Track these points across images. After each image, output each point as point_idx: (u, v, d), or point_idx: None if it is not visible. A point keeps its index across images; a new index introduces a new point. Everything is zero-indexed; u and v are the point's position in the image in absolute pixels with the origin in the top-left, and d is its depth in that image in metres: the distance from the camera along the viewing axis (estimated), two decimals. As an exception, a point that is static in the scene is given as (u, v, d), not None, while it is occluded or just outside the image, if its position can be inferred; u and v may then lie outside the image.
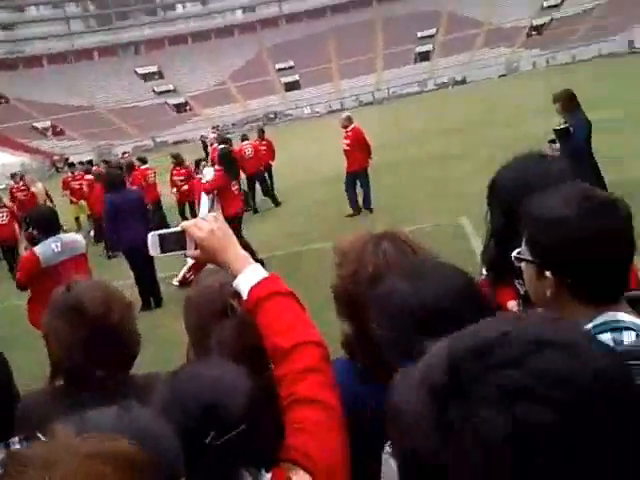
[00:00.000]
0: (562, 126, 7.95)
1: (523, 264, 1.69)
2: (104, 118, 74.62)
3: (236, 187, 11.25)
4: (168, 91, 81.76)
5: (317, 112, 65.61)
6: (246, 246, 9.99)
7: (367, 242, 1.72)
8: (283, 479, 1.43)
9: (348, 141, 13.30)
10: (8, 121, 67.70)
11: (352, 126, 13.42)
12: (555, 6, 77.78)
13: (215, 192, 10.72)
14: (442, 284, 1.44)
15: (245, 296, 1.69)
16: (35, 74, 79.18)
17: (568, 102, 8.31)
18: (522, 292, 1.99)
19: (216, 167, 11.17)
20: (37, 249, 6.23)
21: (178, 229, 1.77)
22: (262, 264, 1.80)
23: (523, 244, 1.67)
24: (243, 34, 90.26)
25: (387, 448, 1.39)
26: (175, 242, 1.77)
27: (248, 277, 1.70)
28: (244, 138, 17.31)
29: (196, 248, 1.76)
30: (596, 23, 68.36)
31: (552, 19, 76.07)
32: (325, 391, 1.57)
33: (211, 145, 17.16)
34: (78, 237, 6.79)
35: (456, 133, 22.86)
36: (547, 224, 1.58)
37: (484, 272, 2.32)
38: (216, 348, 1.75)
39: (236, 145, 16.45)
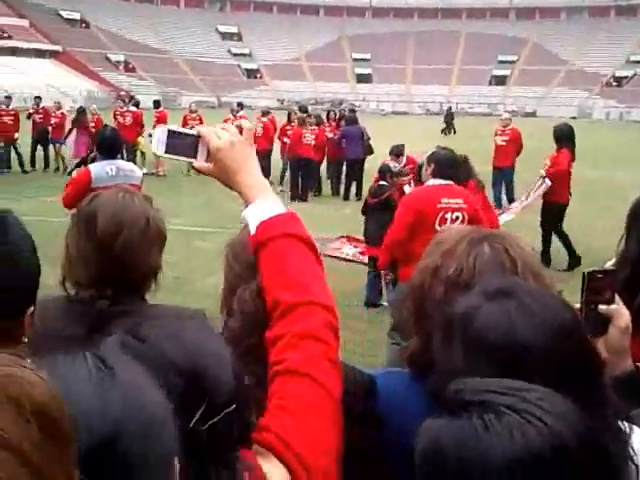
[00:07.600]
0: None
1: None
2: (176, 66, 75.35)
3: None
4: (243, 55, 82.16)
5: (382, 110, 65.58)
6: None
7: (465, 238, 1.43)
8: (254, 461, 1.11)
9: (507, 137, 14.48)
10: (84, 47, 68.68)
11: (512, 125, 14.68)
12: (641, 62, 76.83)
13: None
14: (540, 316, 1.11)
15: (253, 231, 1.40)
16: (120, 6, 79.79)
17: None
18: None
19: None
20: (91, 168, 5.98)
21: (193, 132, 1.51)
22: None
23: None
24: (327, 16, 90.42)
25: None
26: (185, 146, 1.50)
27: (260, 209, 1.41)
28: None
29: (208, 160, 1.48)
30: (679, 88, 67.60)
31: (635, 74, 75.15)
32: (322, 367, 1.25)
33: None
34: (135, 167, 6.48)
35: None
36: None
37: None
38: (236, 312, 1.52)
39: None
